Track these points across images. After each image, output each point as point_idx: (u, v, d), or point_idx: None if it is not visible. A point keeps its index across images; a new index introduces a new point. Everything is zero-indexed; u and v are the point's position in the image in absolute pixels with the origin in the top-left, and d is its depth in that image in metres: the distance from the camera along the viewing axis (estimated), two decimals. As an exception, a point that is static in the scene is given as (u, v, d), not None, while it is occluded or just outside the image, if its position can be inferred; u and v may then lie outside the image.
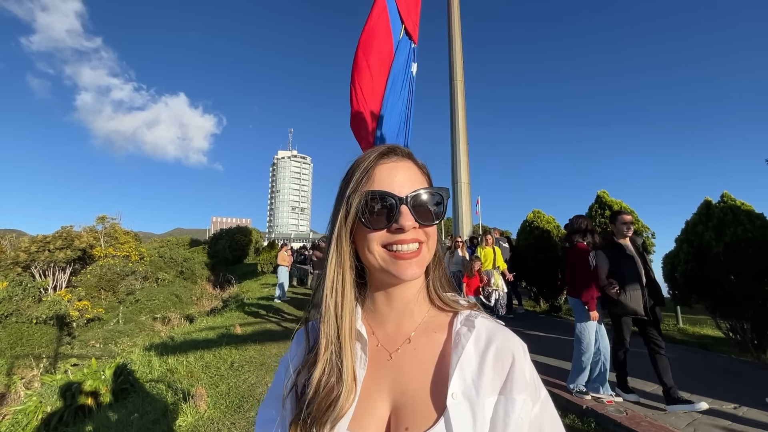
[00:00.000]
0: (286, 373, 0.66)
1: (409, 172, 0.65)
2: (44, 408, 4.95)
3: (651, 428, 3.12)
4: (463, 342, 0.62)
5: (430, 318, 0.68)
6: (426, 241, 0.63)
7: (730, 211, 5.61)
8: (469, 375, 0.59)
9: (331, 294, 0.63)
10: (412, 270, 0.61)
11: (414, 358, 0.63)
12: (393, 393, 0.61)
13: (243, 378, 4.62)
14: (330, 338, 0.62)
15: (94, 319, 17.57)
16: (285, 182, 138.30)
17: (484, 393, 0.57)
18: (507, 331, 0.65)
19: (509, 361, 0.60)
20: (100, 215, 26.54)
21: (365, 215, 0.61)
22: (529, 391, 0.58)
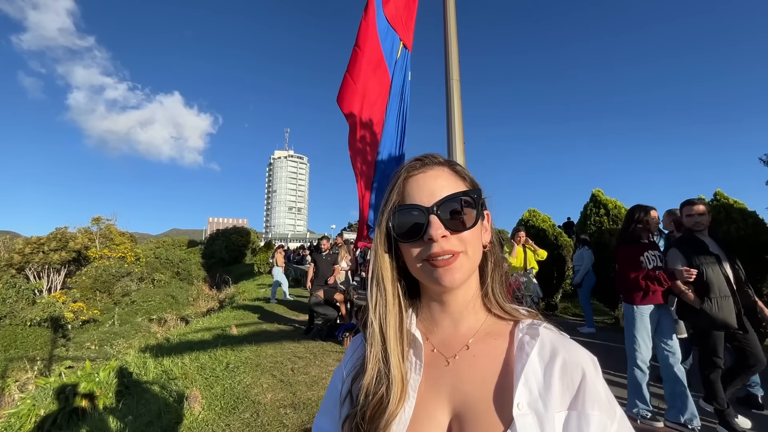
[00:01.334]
0: (342, 380, 0.67)
1: (439, 179, 0.64)
2: (38, 411, 4.92)
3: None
4: (527, 350, 0.59)
5: (489, 326, 0.66)
6: (464, 250, 0.61)
7: (723, 209, 5.65)
8: (535, 387, 0.56)
9: (374, 308, 0.64)
10: (450, 276, 0.59)
11: (474, 365, 0.61)
12: (453, 401, 0.59)
13: (238, 379, 4.60)
14: (377, 347, 0.62)
15: (90, 320, 17.48)
16: (282, 182, 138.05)
17: (553, 407, 0.54)
18: (574, 343, 0.61)
19: (579, 374, 0.57)
20: (95, 216, 26.44)
21: (397, 230, 0.62)
22: (604, 409, 0.54)
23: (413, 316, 0.67)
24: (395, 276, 0.66)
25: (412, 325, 0.66)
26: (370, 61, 3.74)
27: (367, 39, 3.66)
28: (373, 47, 3.76)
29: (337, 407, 0.64)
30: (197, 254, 33.78)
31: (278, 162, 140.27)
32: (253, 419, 3.55)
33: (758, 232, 5.35)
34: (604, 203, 7.56)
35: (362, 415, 0.59)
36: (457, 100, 7.51)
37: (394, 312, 0.64)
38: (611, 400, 0.57)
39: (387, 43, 3.90)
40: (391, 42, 4.03)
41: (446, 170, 0.66)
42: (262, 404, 3.86)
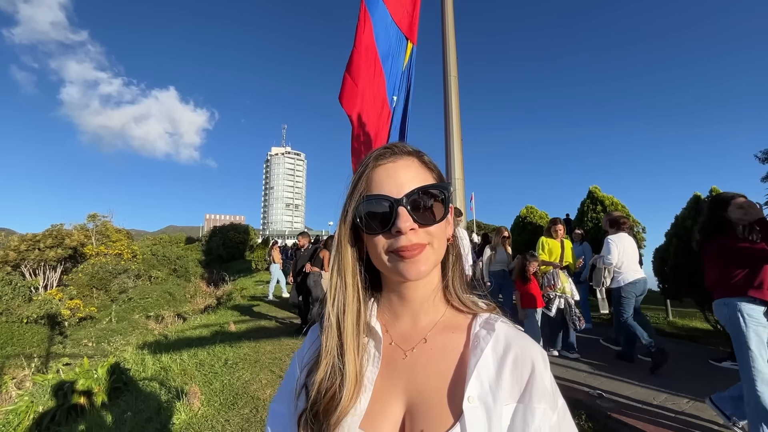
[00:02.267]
0: (299, 369, 0.66)
1: (409, 170, 0.62)
2: (36, 408, 4.91)
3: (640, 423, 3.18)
4: (482, 345, 0.60)
5: (448, 318, 0.66)
6: (431, 242, 0.61)
7: (718, 205, 5.69)
8: (486, 380, 0.57)
9: (333, 299, 0.63)
10: (416, 269, 0.59)
11: (430, 358, 0.62)
12: (408, 393, 0.59)
13: (237, 375, 4.61)
14: (332, 341, 0.61)
15: (87, 318, 17.41)
16: (279, 179, 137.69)
17: (502, 400, 0.56)
18: (527, 337, 0.63)
19: (529, 369, 0.58)
20: (91, 213, 26.25)
21: (363, 220, 0.60)
22: (548, 401, 0.57)
23: (374, 308, 0.67)
24: (357, 268, 0.65)
25: (372, 318, 0.65)
26: (368, 60, 3.72)
27: (362, 40, 3.64)
28: (368, 47, 3.74)
29: (293, 397, 0.64)
30: (195, 251, 33.69)
31: (275, 158, 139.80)
32: (252, 414, 3.56)
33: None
34: (600, 200, 7.60)
35: (315, 411, 0.58)
36: (455, 96, 7.49)
37: (353, 305, 0.63)
38: (555, 392, 0.59)
39: (384, 42, 3.87)
40: (395, 40, 4.00)
41: (415, 161, 0.64)
42: (261, 400, 3.87)
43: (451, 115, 6.96)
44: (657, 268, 6.74)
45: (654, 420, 3.17)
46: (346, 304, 0.62)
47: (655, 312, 7.85)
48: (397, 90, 4.07)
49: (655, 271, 6.80)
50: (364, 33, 3.66)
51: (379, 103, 3.85)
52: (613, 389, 3.81)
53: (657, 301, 8.36)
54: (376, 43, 3.81)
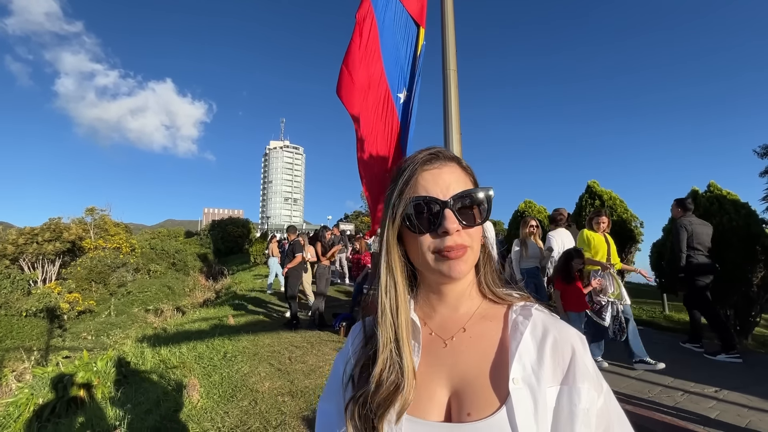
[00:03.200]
0: (344, 367, 0.69)
1: (452, 175, 0.66)
2: (36, 400, 4.95)
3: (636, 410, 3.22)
4: (521, 329, 0.62)
5: (484, 309, 0.69)
6: (471, 244, 0.64)
7: (716, 200, 5.70)
8: (528, 363, 0.59)
9: (386, 295, 0.65)
10: (459, 268, 0.62)
11: (470, 345, 0.64)
12: (451, 379, 0.62)
13: (236, 368, 4.64)
14: (388, 336, 0.63)
15: (86, 311, 17.46)
16: (277, 173, 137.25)
17: (545, 382, 0.57)
18: (564, 323, 0.65)
19: (569, 352, 0.60)
20: (89, 207, 26.20)
21: (411, 221, 0.63)
22: (592, 382, 0.58)
23: (411, 303, 0.70)
24: (404, 266, 0.68)
25: (411, 312, 0.68)
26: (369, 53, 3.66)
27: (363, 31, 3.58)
28: (371, 39, 3.68)
29: (341, 391, 0.67)
30: (193, 245, 33.69)
31: (274, 152, 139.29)
32: (251, 407, 3.59)
33: (750, 223, 5.41)
34: (599, 194, 7.60)
35: (369, 399, 0.60)
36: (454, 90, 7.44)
37: (405, 301, 0.66)
38: (598, 374, 0.61)
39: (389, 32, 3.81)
40: (404, 27, 3.93)
41: (457, 167, 0.68)
42: (260, 392, 3.90)
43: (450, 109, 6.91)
44: (654, 263, 6.77)
45: (649, 413, 3.21)
46: (399, 301, 0.65)
47: (652, 306, 7.91)
48: (406, 83, 4.01)
49: (652, 265, 6.83)
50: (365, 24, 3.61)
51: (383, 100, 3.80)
52: (608, 381, 3.84)
53: (653, 295, 8.42)
54: (380, 33, 3.75)
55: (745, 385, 3.70)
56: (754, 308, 5.46)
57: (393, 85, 3.94)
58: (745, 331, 5.49)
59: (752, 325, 5.53)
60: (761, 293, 5.39)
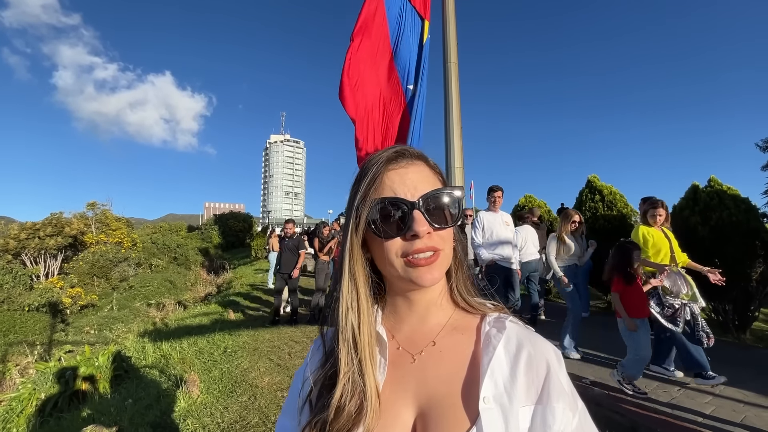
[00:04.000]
0: (302, 385, 0.64)
1: (420, 174, 0.62)
2: (38, 395, 5.00)
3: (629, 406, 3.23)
4: (493, 343, 0.58)
5: (456, 320, 0.65)
6: (443, 247, 0.59)
7: (716, 195, 5.68)
8: (501, 380, 0.55)
9: (347, 309, 0.60)
10: (431, 275, 0.58)
11: (439, 361, 0.60)
12: (418, 398, 0.57)
13: (236, 363, 4.67)
14: (349, 356, 0.58)
15: (88, 305, 17.56)
16: (278, 167, 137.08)
17: (518, 401, 0.54)
18: (538, 336, 0.61)
19: (544, 368, 0.56)
20: (90, 201, 26.20)
21: (377, 225, 0.58)
22: (567, 401, 0.55)
23: (379, 313, 0.66)
24: (367, 275, 0.62)
25: (377, 323, 0.63)
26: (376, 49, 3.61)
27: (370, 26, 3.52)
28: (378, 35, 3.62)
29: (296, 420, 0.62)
30: (195, 239, 33.75)
31: (274, 146, 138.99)
32: (250, 402, 3.62)
33: (750, 218, 5.40)
34: (599, 189, 7.57)
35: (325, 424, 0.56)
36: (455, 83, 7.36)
37: (368, 315, 0.61)
38: (573, 392, 0.58)
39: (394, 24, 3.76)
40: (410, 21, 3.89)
41: (424, 166, 0.64)
42: (260, 387, 3.93)
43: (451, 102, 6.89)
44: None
45: (645, 408, 3.22)
46: (361, 315, 0.60)
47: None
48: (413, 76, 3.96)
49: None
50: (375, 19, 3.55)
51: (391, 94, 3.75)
52: (603, 378, 3.86)
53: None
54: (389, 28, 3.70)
55: (742, 380, 3.71)
56: (752, 303, 5.47)
57: (402, 78, 3.91)
58: (744, 325, 5.51)
59: (751, 319, 5.54)
60: (760, 288, 5.39)
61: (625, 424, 2.99)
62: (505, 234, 4.98)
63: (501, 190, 5.14)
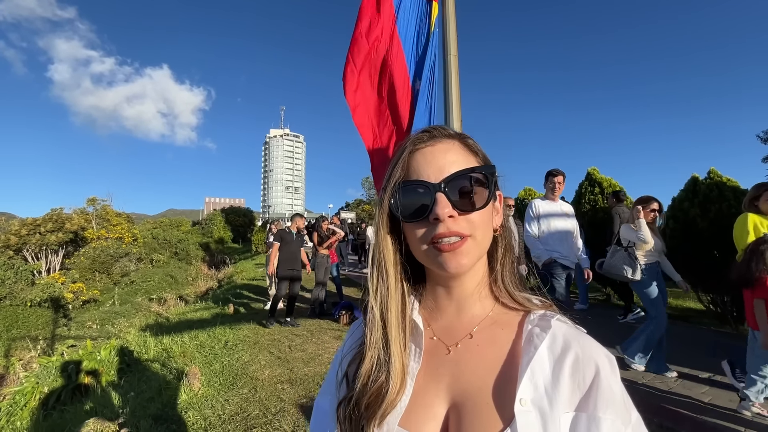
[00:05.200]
0: (340, 364, 0.64)
1: (449, 153, 0.58)
2: (41, 388, 5.05)
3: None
4: (536, 342, 0.54)
5: (496, 314, 0.61)
6: (473, 233, 0.56)
7: (716, 187, 5.67)
8: (542, 382, 0.51)
9: (375, 290, 0.60)
10: (456, 262, 0.55)
11: (476, 355, 0.57)
12: (452, 391, 0.55)
13: (237, 356, 4.71)
14: (376, 333, 0.58)
15: (90, 300, 17.68)
16: (278, 161, 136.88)
17: (560, 407, 0.49)
18: (589, 338, 0.56)
19: (592, 372, 0.51)
20: (90, 197, 26.25)
21: (400, 209, 0.57)
22: (618, 412, 0.49)
23: (416, 302, 0.64)
24: (398, 259, 0.62)
25: (414, 311, 0.62)
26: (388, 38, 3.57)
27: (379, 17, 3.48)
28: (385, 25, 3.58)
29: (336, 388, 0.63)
30: (195, 234, 33.83)
31: (274, 141, 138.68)
32: (251, 395, 3.65)
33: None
34: (599, 181, 7.56)
35: (357, 401, 0.56)
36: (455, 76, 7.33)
37: (396, 297, 0.60)
38: (627, 402, 0.52)
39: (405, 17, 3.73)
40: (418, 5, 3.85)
41: (457, 143, 0.60)
42: (260, 380, 3.97)
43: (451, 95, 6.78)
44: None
45: (642, 399, 3.25)
46: (389, 295, 0.59)
47: (650, 293, 7.95)
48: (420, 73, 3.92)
49: (651, 252, 6.85)
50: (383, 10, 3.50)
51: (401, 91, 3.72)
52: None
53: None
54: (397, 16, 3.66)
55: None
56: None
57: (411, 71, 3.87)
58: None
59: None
60: (759, 280, 5.40)
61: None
62: (565, 226, 4.18)
63: (563, 175, 4.25)
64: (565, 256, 4.10)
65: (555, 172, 4.27)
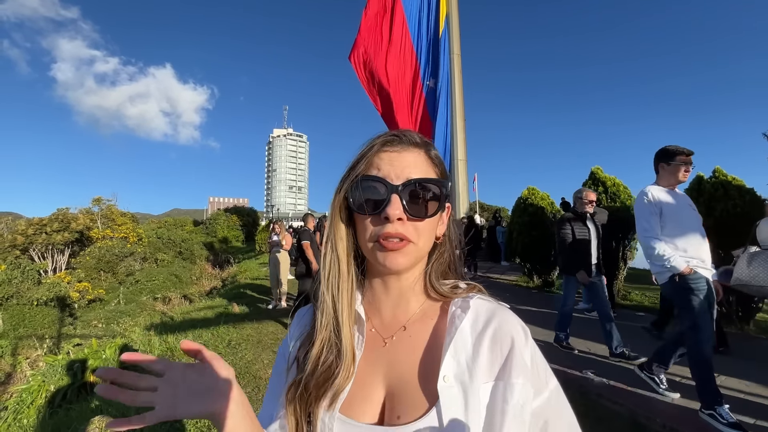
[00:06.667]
0: (288, 349, 0.67)
1: (413, 161, 0.62)
2: (48, 386, 5.09)
3: (631, 396, 3.25)
4: (457, 323, 0.59)
5: (427, 307, 0.66)
6: (416, 240, 0.59)
7: (721, 186, 5.62)
8: (463, 358, 0.56)
9: (328, 272, 0.63)
10: (396, 261, 0.59)
11: (409, 345, 0.62)
12: (388, 379, 0.60)
13: (240, 356, 4.73)
14: (327, 316, 0.61)
15: (96, 300, 17.80)
16: (281, 161, 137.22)
17: (480, 378, 0.54)
18: (508, 312, 0.61)
19: (508, 344, 0.56)
20: (95, 197, 26.43)
21: (356, 200, 0.60)
22: (529, 377, 0.55)
23: (359, 295, 0.67)
24: (350, 244, 0.65)
25: (357, 303, 0.66)
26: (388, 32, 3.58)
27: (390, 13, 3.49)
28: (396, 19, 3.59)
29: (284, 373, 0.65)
30: (199, 234, 33.97)
31: (277, 140, 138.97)
32: (254, 393, 3.68)
33: (755, 209, 5.35)
34: (602, 180, 7.52)
35: (306, 383, 0.59)
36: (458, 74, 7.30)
37: (348, 282, 0.63)
38: (542, 369, 0.57)
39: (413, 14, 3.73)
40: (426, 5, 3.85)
41: (422, 154, 0.64)
42: (263, 379, 3.99)
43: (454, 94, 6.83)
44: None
45: (643, 398, 3.24)
46: (341, 278, 0.62)
47: (655, 292, 7.89)
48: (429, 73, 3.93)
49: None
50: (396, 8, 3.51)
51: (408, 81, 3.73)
52: (607, 368, 3.88)
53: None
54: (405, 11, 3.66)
55: (745, 371, 3.72)
56: (756, 294, 5.44)
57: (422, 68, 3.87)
58: (748, 316, 5.48)
59: (754, 311, 5.51)
60: (764, 279, 5.35)
61: (624, 413, 3.01)
62: (693, 222, 3.02)
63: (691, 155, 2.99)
64: (704, 262, 2.93)
65: (684, 150, 2.99)
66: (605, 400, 3.26)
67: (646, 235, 3.03)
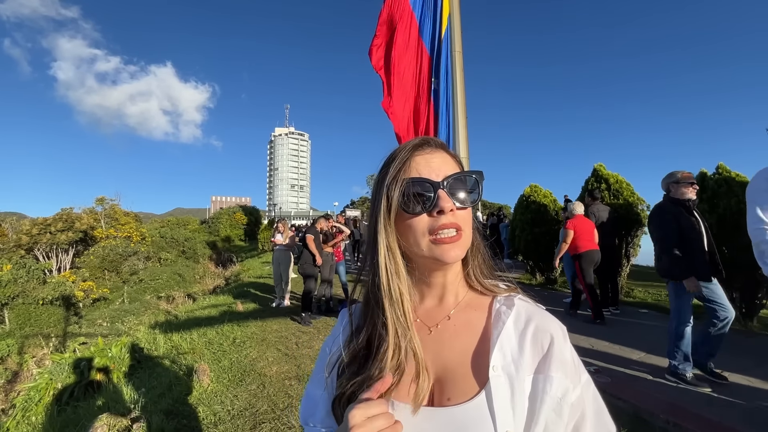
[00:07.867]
0: (330, 352, 0.71)
1: (443, 160, 0.67)
2: (55, 384, 5.15)
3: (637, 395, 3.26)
4: (503, 319, 0.65)
5: (469, 299, 0.71)
6: (464, 229, 0.64)
7: (724, 182, 5.60)
8: (509, 352, 0.62)
9: (391, 277, 0.65)
10: (454, 252, 0.63)
11: (454, 334, 0.66)
12: (434, 366, 0.64)
13: (245, 353, 4.77)
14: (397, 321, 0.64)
15: (100, 299, 17.92)
16: (283, 160, 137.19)
17: (524, 371, 0.60)
18: (547, 313, 0.68)
19: (548, 341, 0.62)
20: (99, 196, 26.53)
21: (405, 203, 0.64)
22: (567, 372, 0.61)
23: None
24: (402, 249, 0.67)
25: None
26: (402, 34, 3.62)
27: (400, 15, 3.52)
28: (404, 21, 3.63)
29: (326, 373, 0.69)
30: (202, 233, 34.11)
31: (279, 139, 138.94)
32: (259, 390, 3.71)
33: (759, 205, 5.33)
34: (605, 178, 7.49)
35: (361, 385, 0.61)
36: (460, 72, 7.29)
37: (406, 283, 0.66)
38: (577, 365, 0.63)
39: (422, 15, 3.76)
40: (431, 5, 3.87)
41: (446, 154, 0.70)
42: (268, 376, 4.02)
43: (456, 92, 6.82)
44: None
45: (647, 394, 3.25)
46: (401, 281, 0.65)
47: (658, 288, 7.89)
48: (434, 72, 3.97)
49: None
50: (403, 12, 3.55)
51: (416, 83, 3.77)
52: (610, 364, 3.89)
53: (660, 279, 8.38)
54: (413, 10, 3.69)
55: (747, 367, 3.72)
56: (760, 291, 5.42)
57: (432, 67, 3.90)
58: (751, 313, 5.47)
59: (758, 307, 5.50)
60: (768, 276, 5.33)
61: (628, 410, 3.03)
62: None
63: None
64: None
65: None
66: (609, 396, 3.27)
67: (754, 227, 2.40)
